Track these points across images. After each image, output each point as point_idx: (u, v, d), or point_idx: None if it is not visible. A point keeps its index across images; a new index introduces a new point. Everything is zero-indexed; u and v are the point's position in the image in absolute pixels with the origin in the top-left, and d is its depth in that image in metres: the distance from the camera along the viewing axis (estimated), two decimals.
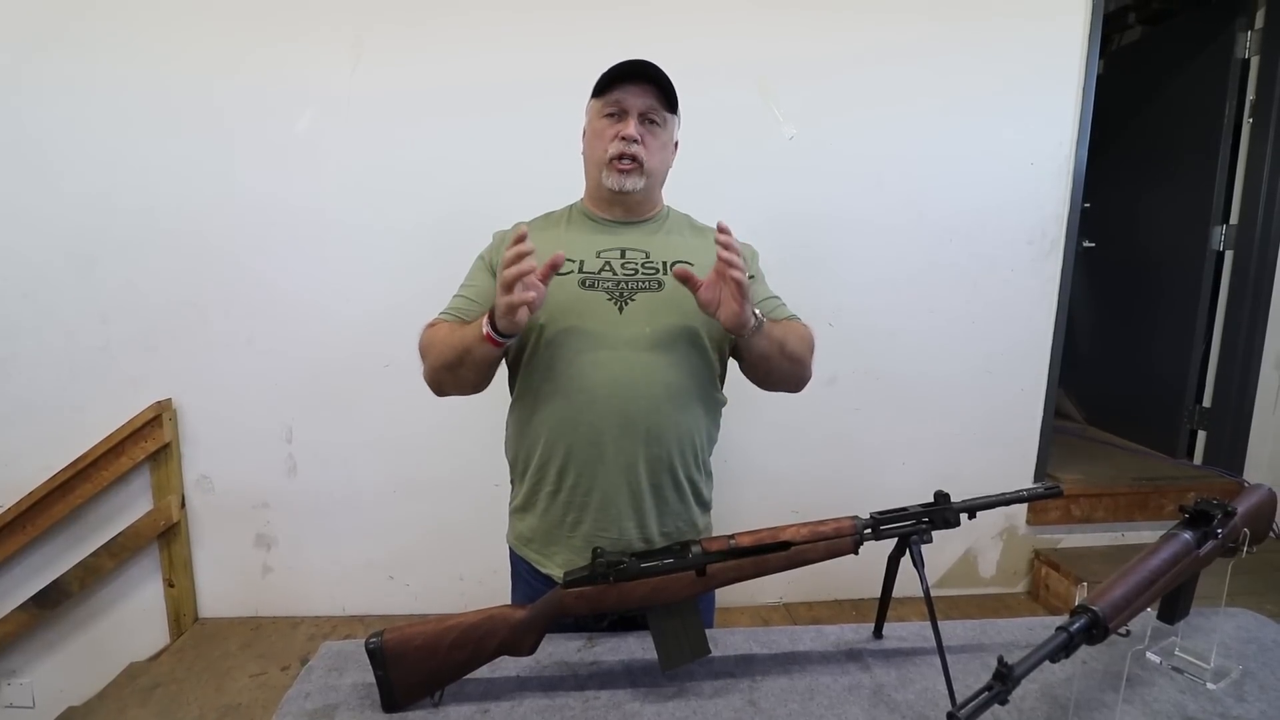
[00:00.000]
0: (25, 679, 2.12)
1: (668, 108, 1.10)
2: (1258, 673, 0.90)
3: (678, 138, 1.18)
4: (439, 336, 1.05)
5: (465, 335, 0.99)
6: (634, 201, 1.13)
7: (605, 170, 1.08)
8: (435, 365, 1.05)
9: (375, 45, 1.97)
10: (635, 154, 1.07)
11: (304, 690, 0.87)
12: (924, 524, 0.87)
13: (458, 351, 1.00)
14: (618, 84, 1.07)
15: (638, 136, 1.06)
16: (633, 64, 1.07)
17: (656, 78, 1.08)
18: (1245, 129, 2.55)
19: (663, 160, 1.13)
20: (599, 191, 1.13)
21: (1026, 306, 2.24)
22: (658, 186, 1.16)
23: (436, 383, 1.07)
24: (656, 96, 1.08)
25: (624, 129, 1.06)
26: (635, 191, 1.09)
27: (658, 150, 1.10)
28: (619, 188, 1.08)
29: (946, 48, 2.08)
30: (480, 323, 0.96)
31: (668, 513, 1.07)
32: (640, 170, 1.08)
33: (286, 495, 2.14)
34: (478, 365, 1.01)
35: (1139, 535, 2.44)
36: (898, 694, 0.85)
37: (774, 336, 1.04)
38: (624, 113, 1.08)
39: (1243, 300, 2.56)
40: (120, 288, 2.01)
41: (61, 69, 1.92)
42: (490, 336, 0.95)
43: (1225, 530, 0.84)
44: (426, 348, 1.07)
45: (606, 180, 1.09)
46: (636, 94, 1.07)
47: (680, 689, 0.87)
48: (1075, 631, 0.66)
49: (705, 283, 0.96)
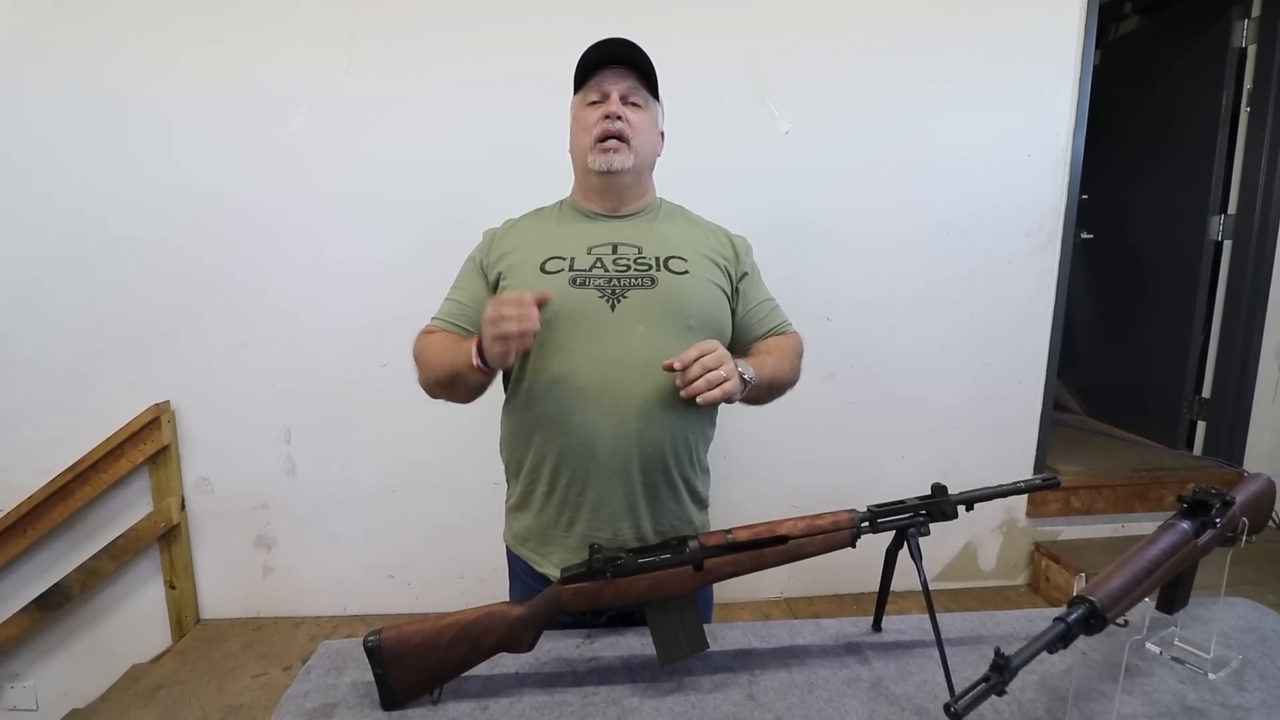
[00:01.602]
0: (28, 682, 2.13)
1: (649, 90, 1.10)
2: (1257, 662, 0.90)
3: (663, 127, 1.17)
4: (432, 350, 1.05)
5: (456, 359, 1.00)
6: (624, 187, 1.11)
7: (591, 154, 1.07)
8: (428, 380, 1.06)
9: (368, 46, 1.96)
10: (620, 131, 1.06)
11: (303, 689, 0.87)
12: (921, 516, 0.87)
13: (449, 374, 1.01)
14: (596, 72, 1.08)
15: (621, 113, 1.06)
16: (610, 46, 1.07)
17: (634, 61, 1.07)
18: (1243, 118, 2.55)
19: (649, 141, 1.12)
20: (587, 181, 1.12)
21: (1025, 299, 2.23)
22: (647, 172, 1.15)
23: (430, 392, 1.08)
24: (636, 79, 1.08)
25: (607, 109, 1.06)
26: (624, 171, 1.08)
27: (644, 129, 1.09)
28: (607, 167, 1.06)
29: (942, 39, 2.07)
30: (470, 350, 0.96)
31: (662, 512, 1.07)
32: (628, 148, 1.07)
33: (286, 496, 2.14)
34: (470, 388, 1.03)
35: (1139, 526, 2.44)
36: (897, 687, 0.85)
37: (764, 381, 1.04)
38: (605, 96, 1.08)
39: (1241, 290, 2.56)
40: (117, 291, 2.01)
41: (55, 72, 1.92)
42: (480, 368, 0.96)
43: (1224, 520, 0.83)
44: (420, 358, 1.08)
45: (594, 163, 1.07)
46: (616, 77, 1.08)
47: (679, 684, 0.87)
48: (1073, 622, 0.66)
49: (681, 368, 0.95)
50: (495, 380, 1.10)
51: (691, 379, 0.93)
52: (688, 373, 0.93)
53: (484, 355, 0.94)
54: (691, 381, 0.93)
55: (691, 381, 0.93)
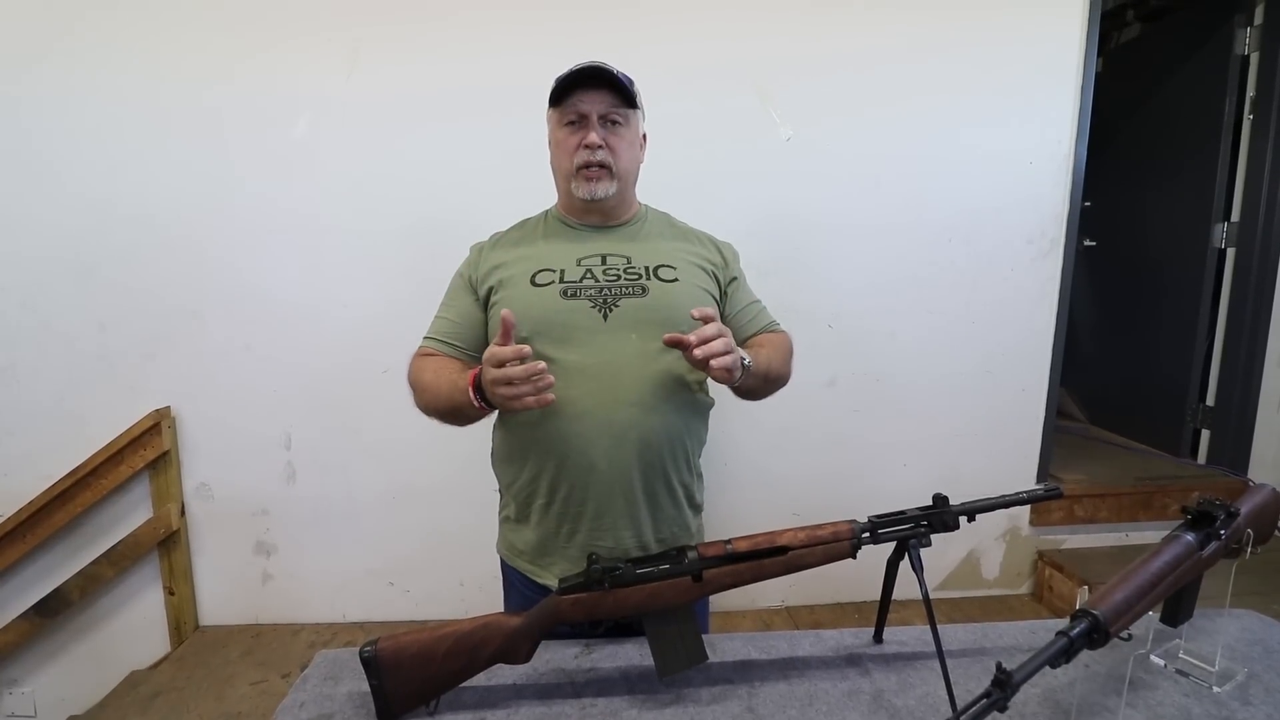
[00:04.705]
0: (26, 688, 2.12)
1: (627, 104, 1.08)
2: (1263, 675, 0.89)
3: (644, 130, 1.16)
4: (426, 377, 1.05)
5: (454, 394, 0.99)
6: (609, 207, 1.11)
7: (574, 181, 1.07)
8: (427, 407, 1.06)
9: (371, 51, 1.97)
10: (602, 160, 1.06)
11: (299, 699, 0.87)
12: (922, 527, 0.87)
13: (449, 407, 1.02)
14: (572, 91, 1.05)
15: (601, 143, 1.05)
16: (584, 70, 1.04)
17: (610, 80, 1.05)
18: (1246, 126, 2.54)
19: (631, 159, 1.11)
20: (571, 200, 1.12)
21: (1027, 306, 2.22)
22: (630, 187, 1.15)
23: (428, 416, 1.08)
24: (613, 97, 1.06)
25: (586, 137, 1.05)
26: (608, 198, 1.08)
27: (624, 150, 1.09)
28: (591, 196, 1.07)
29: (944, 47, 2.07)
30: (467, 388, 0.96)
31: (663, 518, 1.07)
32: (610, 175, 1.07)
33: (286, 502, 2.14)
34: (471, 419, 1.03)
35: (1143, 535, 2.43)
36: (898, 699, 0.84)
37: (759, 371, 1.03)
38: (583, 118, 1.06)
39: (1245, 297, 2.55)
40: (118, 295, 2.01)
41: (58, 77, 1.92)
42: (482, 406, 0.96)
43: (1228, 531, 0.83)
44: (415, 385, 1.08)
45: (577, 191, 1.08)
46: (593, 99, 1.05)
47: (677, 696, 0.86)
48: (1075, 636, 0.65)
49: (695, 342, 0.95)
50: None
51: (709, 337, 0.91)
52: (706, 335, 0.92)
53: (484, 395, 0.94)
54: (709, 340, 0.91)
55: (709, 340, 0.91)
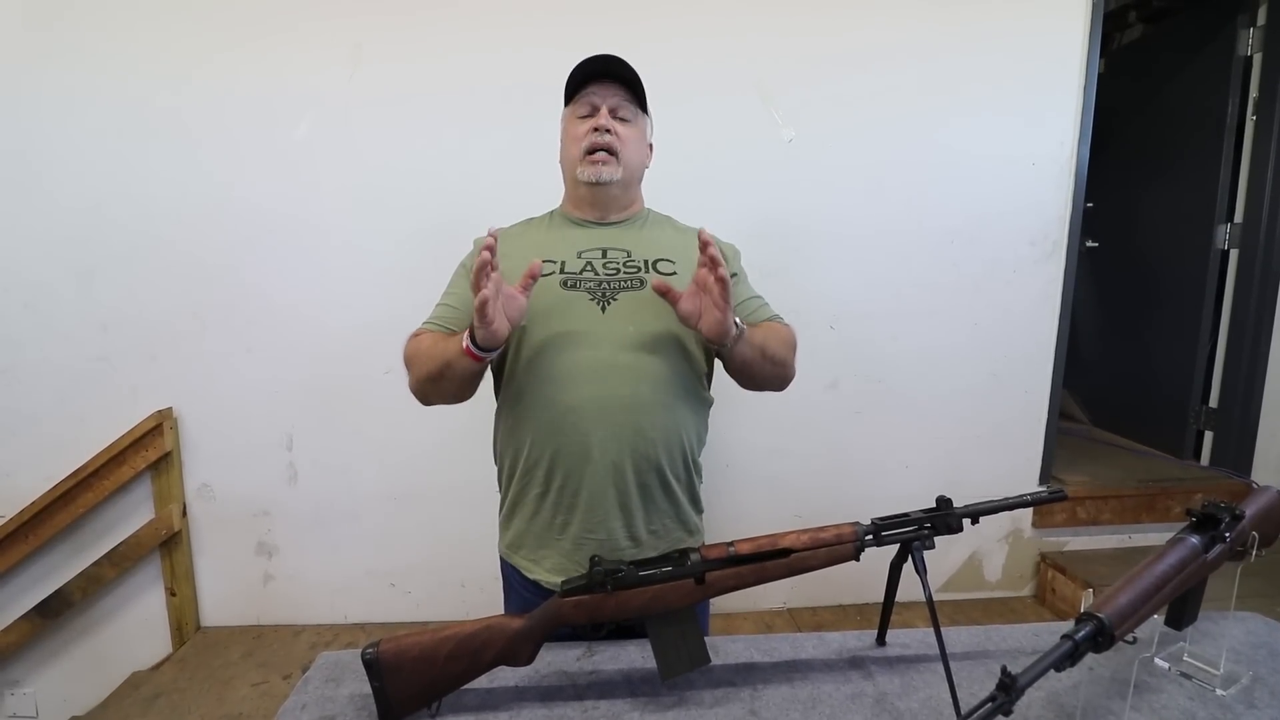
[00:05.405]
0: (28, 689, 2.12)
1: (637, 105, 1.12)
2: (1268, 678, 0.88)
3: (652, 140, 1.19)
4: (422, 348, 1.05)
5: (447, 349, 0.99)
6: (612, 198, 1.13)
7: (580, 165, 1.09)
8: (418, 377, 1.05)
9: (373, 52, 1.97)
10: (608, 144, 1.08)
11: (300, 701, 0.86)
12: (925, 530, 0.86)
13: (439, 364, 1.00)
14: (586, 86, 1.10)
15: (609, 126, 1.08)
16: (599, 61, 1.10)
17: (623, 76, 1.10)
18: (1248, 126, 2.54)
19: (638, 153, 1.14)
20: (577, 191, 1.14)
21: (1029, 308, 2.22)
22: (635, 184, 1.17)
23: (421, 393, 1.07)
24: (624, 94, 1.11)
25: (595, 122, 1.09)
26: (613, 183, 1.10)
27: (631, 142, 1.11)
28: (595, 178, 1.08)
29: (946, 48, 2.07)
30: (461, 337, 0.96)
31: (655, 512, 1.07)
32: (615, 160, 1.09)
33: (287, 503, 2.14)
34: (459, 378, 1.01)
35: (1146, 537, 2.42)
36: (901, 702, 0.84)
37: (755, 342, 1.03)
38: (594, 109, 1.10)
39: (1248, 299, 2.54)
40: (120, 297, 2.02)
41: (58, 80, 1.93)
42: (470, 351, 0.95)
43: (1233, 534, 0.82)
44: (410, 359, 1.07)
45: (582, 174, 1.09)
46: (605, 92, 1.10)
47: (680, 698, 0.86)
48: (1080, 640, 0.65)
49: (685, 294, 0.96)
50: (488, 384, 1.09)
51: (713, 246, 0.92)
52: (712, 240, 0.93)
53: (475, 338, 0.94)
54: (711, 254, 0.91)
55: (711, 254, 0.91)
